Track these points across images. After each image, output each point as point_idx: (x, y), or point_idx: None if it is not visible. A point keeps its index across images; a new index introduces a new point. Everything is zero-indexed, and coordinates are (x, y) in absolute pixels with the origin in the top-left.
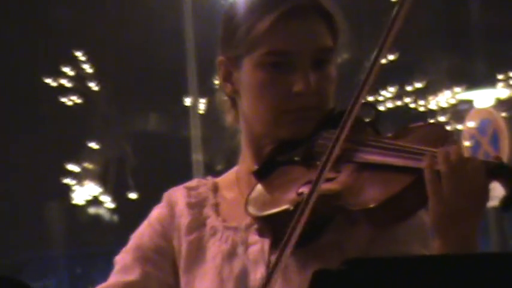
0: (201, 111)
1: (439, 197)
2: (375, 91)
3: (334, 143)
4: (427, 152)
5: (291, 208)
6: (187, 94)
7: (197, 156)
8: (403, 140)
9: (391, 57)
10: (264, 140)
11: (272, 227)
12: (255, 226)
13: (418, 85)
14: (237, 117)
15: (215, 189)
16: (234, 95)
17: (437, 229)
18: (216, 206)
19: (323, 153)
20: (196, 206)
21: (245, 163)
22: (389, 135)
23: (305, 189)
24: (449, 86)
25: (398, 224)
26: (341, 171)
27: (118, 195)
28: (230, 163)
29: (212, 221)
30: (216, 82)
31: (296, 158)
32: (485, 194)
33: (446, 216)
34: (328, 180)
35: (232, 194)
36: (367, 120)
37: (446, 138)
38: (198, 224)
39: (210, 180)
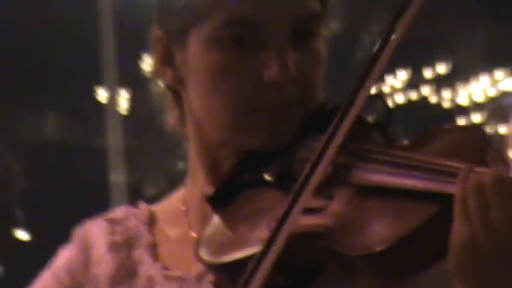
0: (122, 110)
1: (474, 232)
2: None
3: (323, 155)
4: (460, 170)
5: (256, 251)
6: (102, 85)
7: (117, 175)
8: (423, 152)
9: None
10: (223, 151)
11: (235, 279)
12: (210, 277)
13: (441, 69)
14: (181, 118)
15: (151, 222)
16: (177, 85)
17: (464, 277)
18: (153, 247)
19: (304, 171)
20: (124, 247)
21: (195, 185)
22: (404, 143)
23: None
24: (487, 70)
25: (417, 276)
26: (333, 197)
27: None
28: (171, 185)
29: (147, 268)
30: (148, 68)
31: (269, 178)
32: None
33: (478, 259)
34: (313, 211)
35: (177, 229)
36: (372, 121)
37: (486, 148)
38: (126, 273)
39: (143, 208)
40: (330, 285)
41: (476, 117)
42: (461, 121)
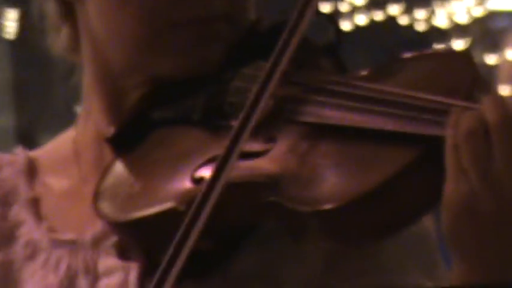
0: (9, 35)
1: (464, 183)
2: None
3: (264, 86)
4: (449, 106)
5: (181, 207)
6: None
7: (3, 117)
8: (391, 84)
9: None
10: (129, 79)
11: (145, 242)
12: (112, 239)
13: None
14: (74, 40)
15: (31, 171)
16: (74, 2)
17: (459, 246)
18: (34, 203)
19: (242, 105)
20: None
21: (90, 124)
22: (365, 73)
23: (207, 172)
24: None
25: (383, 241)
26: (276, 139)
27: None
28: (62, 127)
29: (28, 230)
30: None
31: (191, 115)
32: None
33: (476, 220)
34: (252, 155)
35: (65, 180)
36: (321, 44)
37: (476, 77)
38: (1, 237)
39: (20, 154)
40: (271, 250)
41: (458, 44)
42: (439, 48)
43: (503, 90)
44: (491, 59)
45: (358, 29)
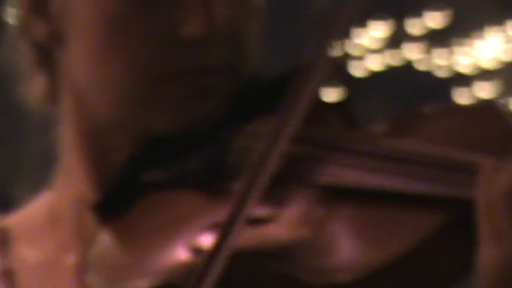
0: None
1: (508, 255)
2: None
3: (271, 144)
4: (481, 164)
5: (178, 281)
6: None
7: None
8: (412, 140)
9: None
10: (116, 136)
11: None
12: None
13: (433, 22)
14: (52, 89)
15: (4, 241)
16: (51, 42)
17: None
18: (9, 276)
19: (246, 165)
20: None
21: (70, 187)
22: (382, 128)
23: (207, 241)
24: (497, 22)
25: None
26: (286, 202)
27: None
28: (36, 186)
29: None
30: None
31: (188, 177)
32: None
33: None
34: (261, 221)
35: (41, 251)
36: (330, 101)
37: (509, 133)
38: None
39: None
40: None
41: (483, 91)
42: (461, 96)
43: None
44: None
45: (370, 75)
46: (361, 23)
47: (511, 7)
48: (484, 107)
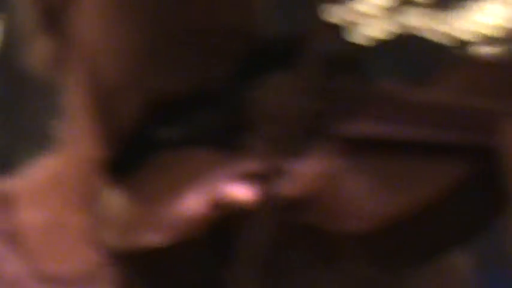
0: None
1: None
2: None
3: (292, 98)
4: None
5: (196, 234)
6: None
7: None
8: (436, 91)
9: None
10: (126, 97)
11: (151, 275)
12: (107, 273)
13: None
14: (58, 53)
15: (8, 204)
16: (61, 3)
17: None
18: (13, 237)
19: (263, 120)
20: None
21: (77, 148)
22: (403, 84)
23: (228, 194)
24: None
25: (424, 266)
26: (307, 155)
27: None
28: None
29: (7, 266)
30: None
31: (200, 134)
32: None
33: None
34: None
35: (47, 212)
36: (344, 57)
37: None
38: None
39: None
40: (307, 274)
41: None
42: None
43: None
44: None
45: (368, 43)
46: None
47: None
48: (504, 59)
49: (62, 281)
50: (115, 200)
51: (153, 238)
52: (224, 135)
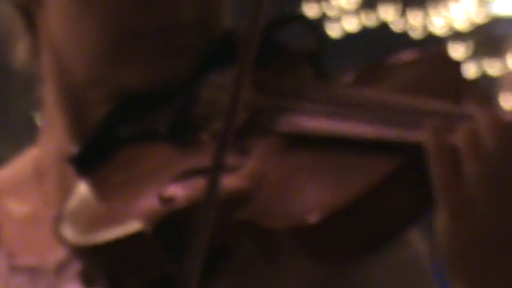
0: None
1: (459, 200)
2: None
3: (236, 94)
4: (431, 112)
5: (149, 228)
6: None
7: None
8: (375, 89)
9: None
10: (93, 92)
11: (110, 268)
12: (75, 266)
13: None
14: (34, 50)
15: None
16: (31, 4)
17: (456, 266)
18: None
19: (211, 116)
20: None
21: (52, 142)
22: (345, 79)
23: (177, 190)
24: None
25: (366, 258)
26: (250, 152)
27: None
28: (29, 143)
29: None
30: None
31: (159, 129)
32: None
33: (474, 240)
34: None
35: (26, 204)
36: (302, 52)
37: (465, 86)
38: None
39: None
40: (243, 272)
41: (457, 48)
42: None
43: (506, 98)
44: (492, 66)
45: (347, 35)
46: None
47: None
48: (437, 56)
49: (34, 271)
50: (79, 195)
51: (107, 235)
52: (177, 131)
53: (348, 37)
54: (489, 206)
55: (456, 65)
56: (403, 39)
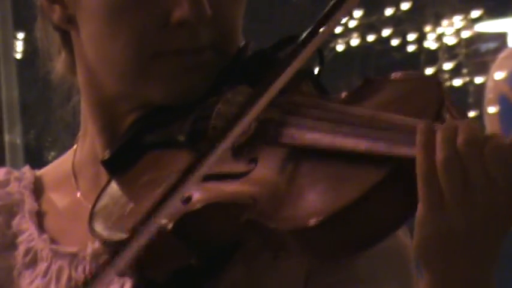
0: (17, 55)
1: (436, 206)
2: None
3: (246, 108)
4: (416, 126)
5: (170, 225)
6: None
7: (12, 136)
8: (369, 105)
9: None
10: (122, 105)
11: (136, 260)
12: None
13: (405, 5)
14: (71, 65)
15: (37, 188)
16: (66, 25)
17: (427, 262)
18: (38, 216)
19: (225, 127)
20: (2, 212)
21: (87, 146)
22: (344, 96)
23: (196, 192)
24: (461, 9)
25: (359, 255)
26: (258, 160)
27: None
28: (65, 146)
29: (29, 239)
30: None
31: (179, 137)
32: None
33: (445, 240)
34: (233, 176)
35: (67, 198)
36: (304, 69)
37: (443, 99)
38: (3, 242)
39: (28, 173)
40: (252, 266)
41: (447, 65)
42: (429, 68)
43: (491, 110)
44: (479, 79)
45: (351, 50)
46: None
47: None
48: (423, 77)
49: (74, 257)
50: (109, 195)
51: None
52: (194, 140)
53: (350, 51)
54: (461, 206)
55: (439, 84)
56: (400, 54)
